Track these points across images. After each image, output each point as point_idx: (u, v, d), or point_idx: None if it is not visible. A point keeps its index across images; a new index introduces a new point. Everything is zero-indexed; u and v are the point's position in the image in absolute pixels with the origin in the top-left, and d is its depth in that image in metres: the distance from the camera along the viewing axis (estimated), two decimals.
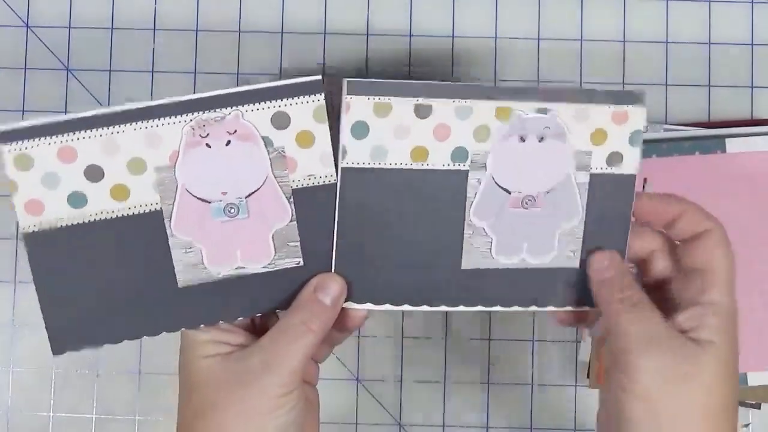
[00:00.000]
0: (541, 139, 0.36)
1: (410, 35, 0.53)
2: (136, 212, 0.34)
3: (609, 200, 0.38)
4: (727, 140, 0.51)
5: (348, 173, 0.35)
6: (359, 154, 0.35)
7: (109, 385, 0.52)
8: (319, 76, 0.34)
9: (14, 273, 0.52)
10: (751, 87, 0.53)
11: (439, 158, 0.36)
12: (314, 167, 0.35)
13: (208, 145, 0.34)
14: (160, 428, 0.52)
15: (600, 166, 0.37)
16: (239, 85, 0.34)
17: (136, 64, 0.53)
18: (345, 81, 0.34)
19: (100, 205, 0.34)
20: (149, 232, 0.34)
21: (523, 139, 0.36)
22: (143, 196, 0.34)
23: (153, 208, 0.34)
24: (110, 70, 0.53)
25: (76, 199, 0.34)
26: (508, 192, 0.37)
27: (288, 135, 0.34)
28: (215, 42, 0.53)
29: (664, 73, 0.53)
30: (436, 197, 0.36)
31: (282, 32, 0.53)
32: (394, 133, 0.35)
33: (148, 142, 0.33)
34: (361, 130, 0.35)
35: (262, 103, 0.34)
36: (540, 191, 0.37)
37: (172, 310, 0.36)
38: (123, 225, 0.34)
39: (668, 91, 0.53)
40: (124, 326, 0.35)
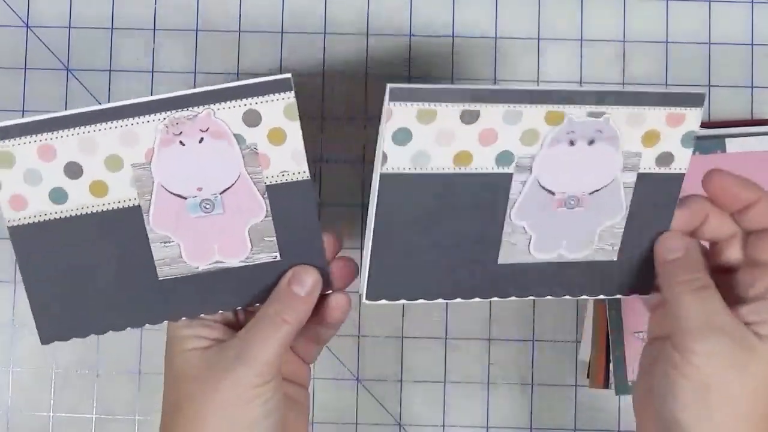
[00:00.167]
0: (591, 142, 0.35)
1: (410, 35, 0.53)
2: (116, 207, 0.35)
3: (655, 198, 0.37)
4: (727, 140, 0.51)
5: (387, 179, 0.34)
6: (400, 160, 0.34)
7: (109, 385, 0.52)
8: (289, 75, 0.34)
9: (14, 273, 0.52)
10: (751, 87, 0.53)
11: (483, 162, 0.35)
12: (287, 164, 0.35)
13: (182, 143, 0.34)
14: None
15: (649, 166, 0.36)
16: None
17: (136, 64, 0.53)
18: (388, 87, 0.32)
19: (80, 200, 0.35)
20: (129, 227, 0.35)
21: (572, 143, 0.35)
22: (122, 193, 0.35)
23: (132, 204, 0.35)
24: (110, 70, 0.53)
25: (57, 195, 0.35)
26: (552, 193, 0.36)
27: (260, 132, 0.35)
28: (215, 42, 0.53)
29: (664, 73, 0.53)
30: (477, 198, 0.36)
31: (282, 32, 0.53)
32: (438, 138, 0.34)
33: (124, 140, 0.34)
34: (403, 136, 0.34)
35: (233, 101, 0.34)
36: (584, 192, 0.37)
37: (154, 303, 0.36)
38: (103, 219, 0.35)
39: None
40: (107, 317, 0.36)
